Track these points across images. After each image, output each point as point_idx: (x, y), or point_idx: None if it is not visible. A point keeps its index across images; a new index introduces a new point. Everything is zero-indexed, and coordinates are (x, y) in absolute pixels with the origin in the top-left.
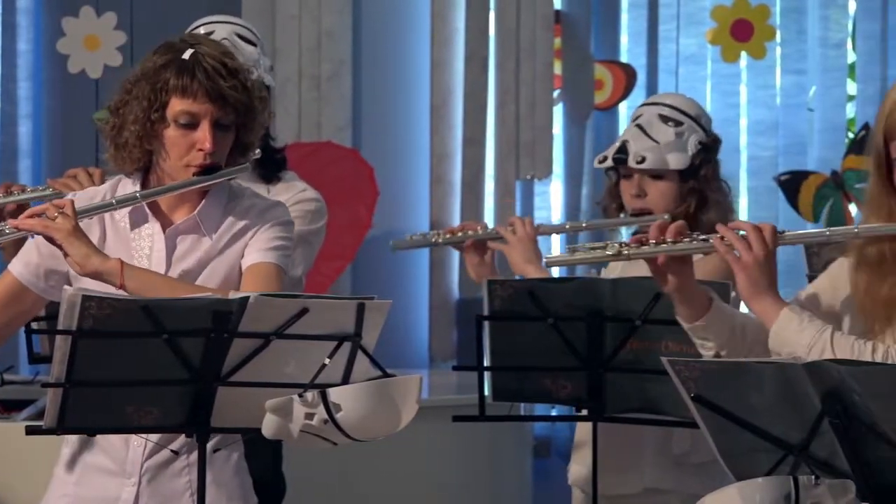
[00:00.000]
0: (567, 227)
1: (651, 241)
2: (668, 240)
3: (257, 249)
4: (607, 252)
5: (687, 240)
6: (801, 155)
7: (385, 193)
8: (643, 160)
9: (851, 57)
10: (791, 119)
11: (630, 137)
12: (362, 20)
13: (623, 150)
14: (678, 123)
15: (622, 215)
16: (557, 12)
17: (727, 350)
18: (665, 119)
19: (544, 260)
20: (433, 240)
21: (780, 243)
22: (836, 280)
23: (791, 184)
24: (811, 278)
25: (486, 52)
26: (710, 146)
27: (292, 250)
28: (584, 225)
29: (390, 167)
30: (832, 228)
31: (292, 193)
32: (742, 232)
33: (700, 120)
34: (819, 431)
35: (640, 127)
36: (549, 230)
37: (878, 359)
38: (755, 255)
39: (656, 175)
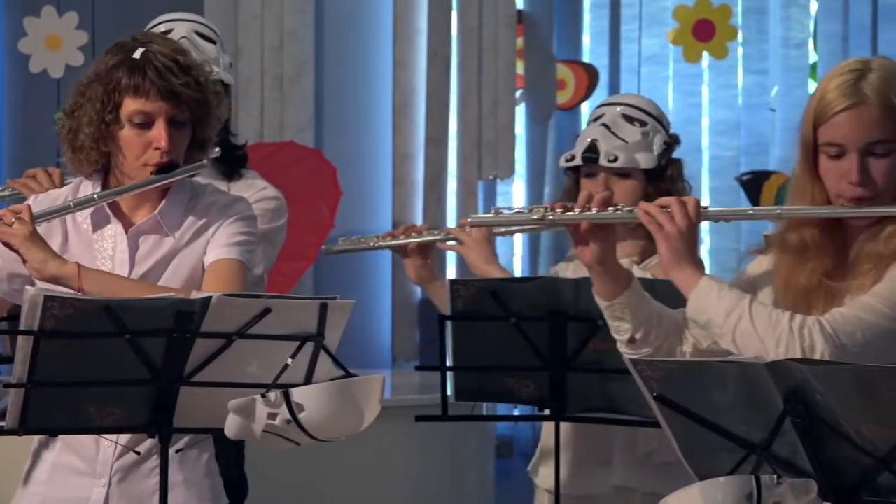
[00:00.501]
0: (500, 219)
1: (576, 208)
2: (594, 208)
3: (219, 245)
4: (532, 216)
5: (612, 209)
6: (762, 155)
7: (348, 193)
8: (615, 159)
9: (813, 57)
10: (753, 119)
11: (599, 136)
12: (325, 20)
13: (593, 148)
14: (643, 123)
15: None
16: (520, 12)
17: (641, 333)
18: (630, 119)
19: (470, 219)
20: (370, 243)
21: (704, 218)
22: (755, 278)
23: (753, 183)
24: None
25: (449, 51)
26: (671, 146)
27: (255, 244)
28: (536, 225)
29: (353, 167)
30: (755, 207)
31: (253, 192)
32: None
33: (662, 120)
34: (781, 431)
35: (606, 126)
36: (482, 222)
37: (795, 327)
38: (678, 225)
39: (623, 174)
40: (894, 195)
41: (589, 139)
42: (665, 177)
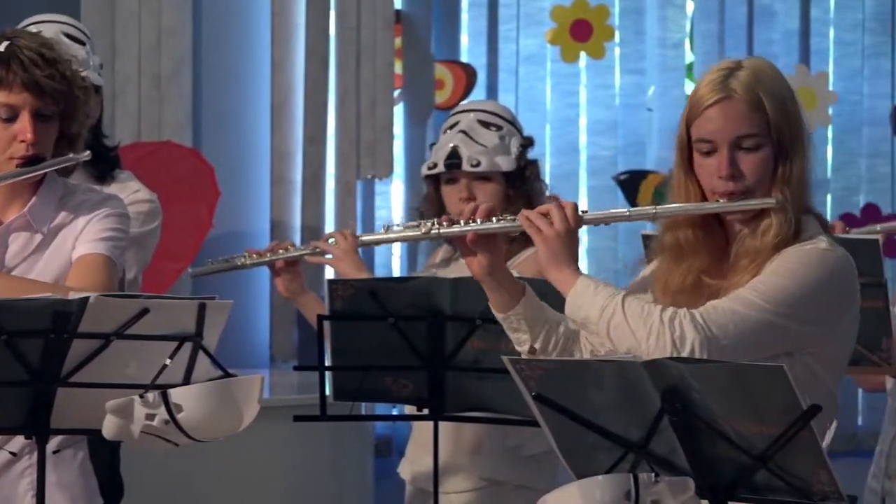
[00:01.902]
0: (388, 236)
1: (461, 221)
2: (478, 219)
3: (87, 241)
4: (420, 231)
5: (495, 219)
6: (639, 154)
7: (226, 193)
8: (478, 164)
9: (690, 57)
10: (630, 119)
11: (459, 143)
12: (202, 18)
13: (455, 154)
14: (499, 128)
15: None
16: (398, 12)
17: (541, 343)
18: (486, 124)
19: (361, 239)
20: (238, 263)
21: (583, 222)
22: (644, 279)
23: (630, 183)
24: None
25: (327, 50)
26: (527, 147)
27: (126, 242)
28: (409, 235)
29: (231, 166)
30: (632, 209)
31: (126, 194)
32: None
33: (515, 123)
34: (659, 429)
35: (465, 133)
36: (371, 241)
37: (666, 319)
38: (556, 229)
39: (484, 178)
40: (766, 189)
41: (450, 146)
42: (524, 178)
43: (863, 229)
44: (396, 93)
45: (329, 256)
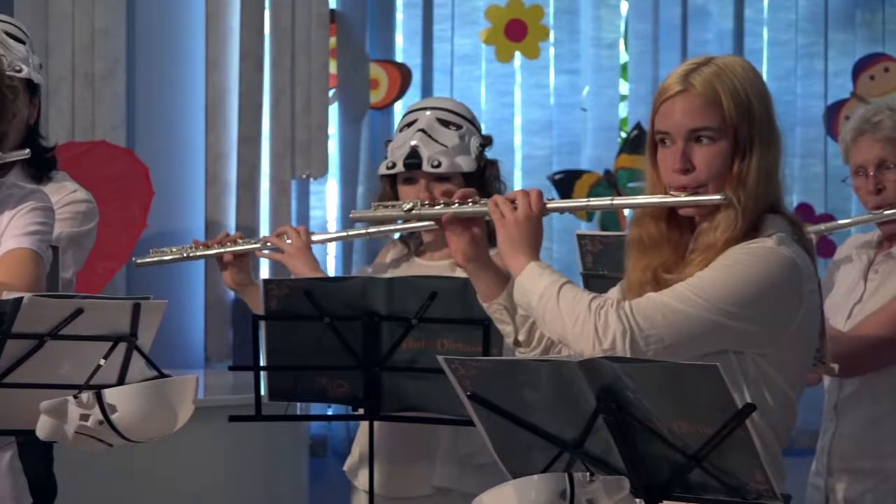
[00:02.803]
0: (342, 234)
1: (442, 202)
2: (456, 202)
3: (12, 235)
4: (405, 207)
5: (471, 202)
6: (574, 154)
7: (160, 193)
8: (439, 164)
9: (624, 57)
10: (565, 118)
11: (419, 142)
12: (137, 18)
13: (415, 154)
14: (458, 126)
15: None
16: (333, 11)
17: (524, 335)
18: (445, 123)
19: (351, 214)
20: (184, 254)
21: (547, 210)
22: None
23: (565, 183)
24: (585, 277)
25: (262, 50)
26: (486, 147)
27: (51, 236)
28: (361, 232)
29: (165, 166)
30: (592, 199)
31: (63, 195)
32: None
33: (475, 122)
34: (594, 428)
35: (424, 132)
36: (323, 239)
37: (594, 307)
38: (517, 214)
39: (443, 178)
40: (721, 185)
41: (409, 145)
42: (483, 178)
43: (809, 228)
44: (331, 93)
45: (281, 253)
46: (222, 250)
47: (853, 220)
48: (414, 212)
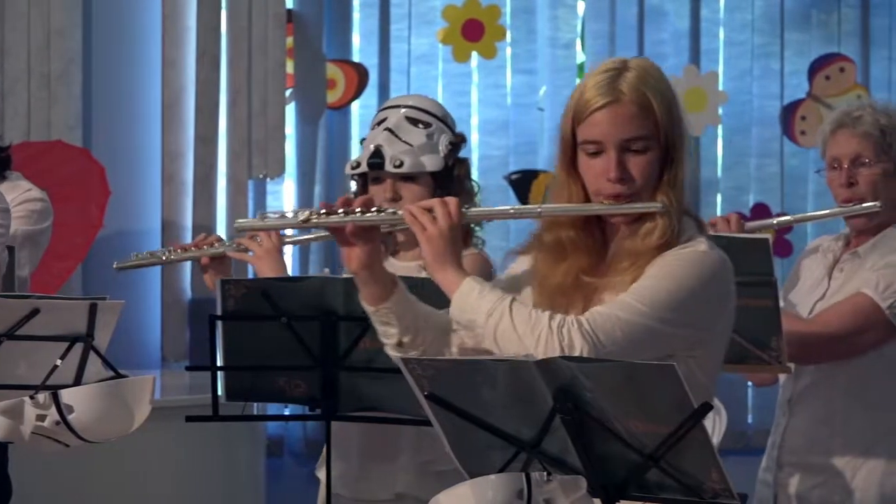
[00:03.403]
0: (314, 236)
1: (339, 210)
2: (357, 210)
3: None
4: (299, 218)
5: (375, 210)
6: (531, 154)
7: (117, 193)
8: (401, 164)
9: (581, 57)
10: (521, 118)
11: (383, 142)
12: (93, 18)
13: (378, 154)
14: (427, 125)
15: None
16: (289, 11)
17: (409, 337)
18: (414, 121)
19: (235, 224)
20: (163, 257)
21: (466, 218)
22: (514, 276)
23: (521, 182)
24: None
25: (218, 50)
26: (457, 145)
27: (5, 237)
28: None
29: (121, 166)
30: (516, 206)
31: (17, 193)
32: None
33: (446, 120)
34: (551, 428)
35: (390, 131)
36: (296, 241)
37: (555, 326)
38: (439, 226)
39: (410, 177)
40: (652, 192)
41: (373, 145)
42: (452, 177)
43: (759, 223)
44: (288, 92)
45: (251, 254)
46: (198, 253)
47: (823, 213)
48: (313, 221)
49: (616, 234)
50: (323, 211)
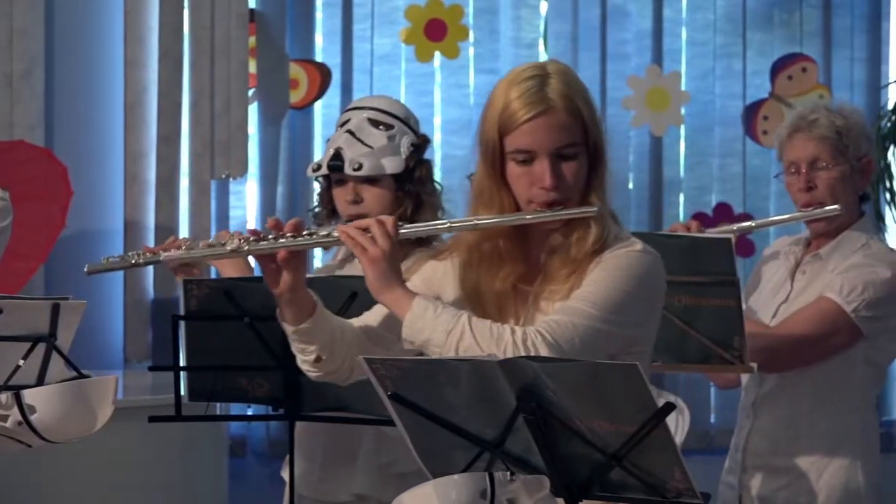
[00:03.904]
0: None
1: (269, 236)
2: (288, 234)
3: None
4: (227, 248)
5: (307, 234)
6: None
7: (79, 193)
8: (360, 167)
9: (544, 57)
10: None
11: (343, 144)
12: (55, 17)
13: (338, 157)
14: (389, 127)
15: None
16: (252, 11)
17: (327, 354)
18: (375, 123)
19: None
20: (133, 261)
21: (403, 236)
22: (430, 281)
23: None
24: None
25: (181, 50)
26: (421, 147)
27: None
28: (301, 243)
29: (84, 166)
30: (453, 220)
31: None
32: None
33: (409, 122)
34: (514, 428)
35: (351, 133)
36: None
37: (519, 340)
38: (381, 247)
39: (371, 180)
40: (581, 195)
41: (333, 148)
42: (414, 179)
43: (718, 229)
44: (251, 92)
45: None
46: (167, 256)
47: (784, 218)
48: (244, 249)
49: (545, 240)
50: (252, 238)
